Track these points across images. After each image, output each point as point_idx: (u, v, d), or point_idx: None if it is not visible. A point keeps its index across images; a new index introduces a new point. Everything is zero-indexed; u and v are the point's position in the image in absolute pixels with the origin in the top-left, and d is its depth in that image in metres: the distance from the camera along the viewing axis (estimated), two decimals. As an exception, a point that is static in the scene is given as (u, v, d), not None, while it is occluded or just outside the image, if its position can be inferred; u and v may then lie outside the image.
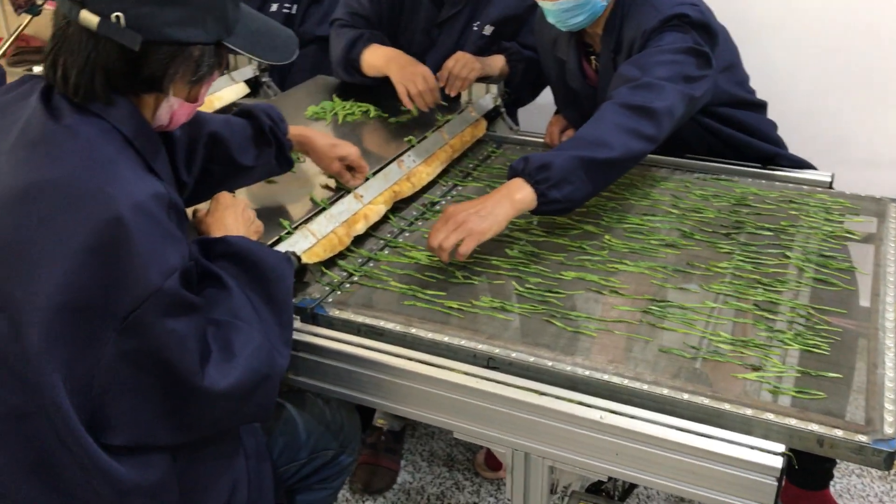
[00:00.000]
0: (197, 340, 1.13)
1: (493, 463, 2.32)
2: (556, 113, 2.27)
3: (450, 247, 1.50)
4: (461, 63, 2.20)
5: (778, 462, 1.13)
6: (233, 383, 1.15)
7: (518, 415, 1.27)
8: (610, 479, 1.49)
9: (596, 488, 1.65)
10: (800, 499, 2.03)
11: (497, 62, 2.31)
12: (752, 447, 1.16)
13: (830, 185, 1.96)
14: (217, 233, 1.39)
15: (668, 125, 1.70)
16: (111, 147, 1.13)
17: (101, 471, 1.09)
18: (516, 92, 2.40)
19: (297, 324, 1.43)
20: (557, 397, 1.25)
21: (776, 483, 1.13)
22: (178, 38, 1.15)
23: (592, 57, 2.04)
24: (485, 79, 2.28)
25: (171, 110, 1.24)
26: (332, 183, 1.79)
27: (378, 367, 1.36)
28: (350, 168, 1.76)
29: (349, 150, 1.74)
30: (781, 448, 1.15)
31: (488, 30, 2.32)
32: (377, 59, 2.23)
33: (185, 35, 1.15)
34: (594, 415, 1.22)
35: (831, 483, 2.06)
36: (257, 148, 1.60)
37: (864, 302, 1.49)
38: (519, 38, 2.36)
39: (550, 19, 1.91)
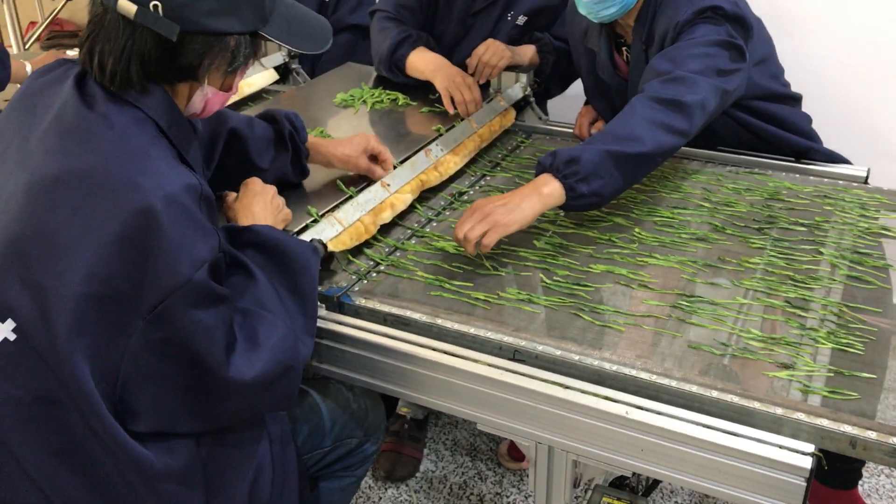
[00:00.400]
0: (223, 331, 1.14)
1: (517, 454, 2.31)
2: (586, 104, 2.25)
3: (474, 238, 1.49)
4: (491, 50, 2.19)
5: (807, 462, 1.11)
6: (257, 374, 1.15)
7: (542, 408, 1.26)
8: (634, 474, 1.48)
9: (619, 483, 1.64)
10: (828, 498, 2.00)
11: (527, 51, 2.30)
12: (781, 447, 1.14)
13: (866, 181, 1.92)
14: (245, 220, 1.40)
15: (700, 119, 1.68)
16: (145, 137, 1.14)
17: (130, 458, 1.11)
18: (546, 83, 2.39)
19: (323, 312, 1.43)
20: (583, 391, 1.24)
21: (805, 483, 1.12)
22: (215, 28, 1.15)
23: (624, 48, 2.02)
24: (514, 68, 2.27)
25: (205, 99, 1.24)
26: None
27: (403, 357, 1.35)
28: (374, 159, 1.74)
29: (366, 139, 1.72)
30: (811, 448, 1.13)
31: (521, 20, 2.30)
32: (424, 64, 2.22)
33: (221, 25, 1.15)
34: (620, 410, 1.21)
35: (859, 482, 2.03)
36: (275, 151, 1.62)
37: (900, 301, 1.46)
38: (551, 30, 2.34)
39: (582, 10, 1.88)
